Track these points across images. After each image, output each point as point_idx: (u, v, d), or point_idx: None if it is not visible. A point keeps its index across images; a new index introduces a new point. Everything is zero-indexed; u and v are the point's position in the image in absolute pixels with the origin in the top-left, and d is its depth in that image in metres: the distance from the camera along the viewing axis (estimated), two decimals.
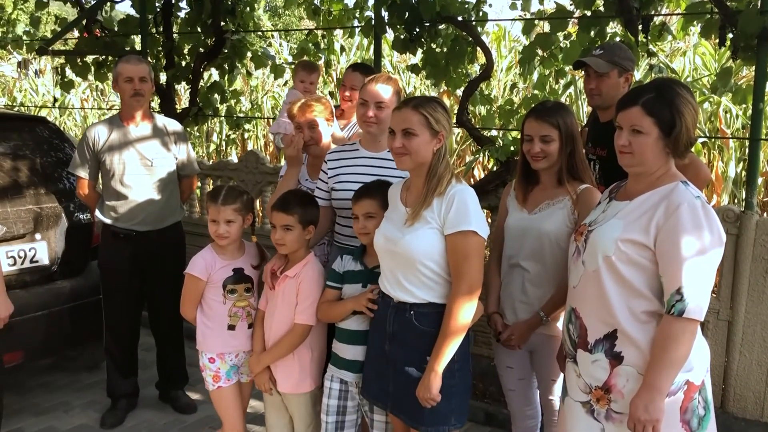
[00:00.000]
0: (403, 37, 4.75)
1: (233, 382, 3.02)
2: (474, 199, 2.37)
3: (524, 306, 2.71)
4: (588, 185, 2.66)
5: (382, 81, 2.87)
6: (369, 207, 2.64)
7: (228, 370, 3.00)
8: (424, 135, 2.36)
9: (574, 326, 2.28)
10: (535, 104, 2.80)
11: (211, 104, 6.10)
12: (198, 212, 5.99)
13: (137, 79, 3.66)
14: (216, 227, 2.91)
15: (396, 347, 2.45)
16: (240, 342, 2.98)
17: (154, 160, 3.76)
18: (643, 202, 2.13)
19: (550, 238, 2.63)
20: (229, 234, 2.91)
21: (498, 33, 8.21)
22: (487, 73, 4.65)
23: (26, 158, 3.97)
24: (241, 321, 2.97)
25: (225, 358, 2.99)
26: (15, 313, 3.22)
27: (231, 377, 3.01)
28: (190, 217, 5.83)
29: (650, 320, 2.11)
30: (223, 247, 2.97)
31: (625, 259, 2.10)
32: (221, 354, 2.99)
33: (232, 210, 2.90)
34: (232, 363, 3.01)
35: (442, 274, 2.37)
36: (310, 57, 5.81)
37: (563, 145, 2.64)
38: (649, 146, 2.10)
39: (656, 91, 2.11)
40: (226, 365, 3.00)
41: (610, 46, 3.19)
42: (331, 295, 2.76)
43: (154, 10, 6.15)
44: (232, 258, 2.99)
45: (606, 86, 3.10)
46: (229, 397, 3.03)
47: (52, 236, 3.90)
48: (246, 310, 2.98)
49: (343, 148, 3.06)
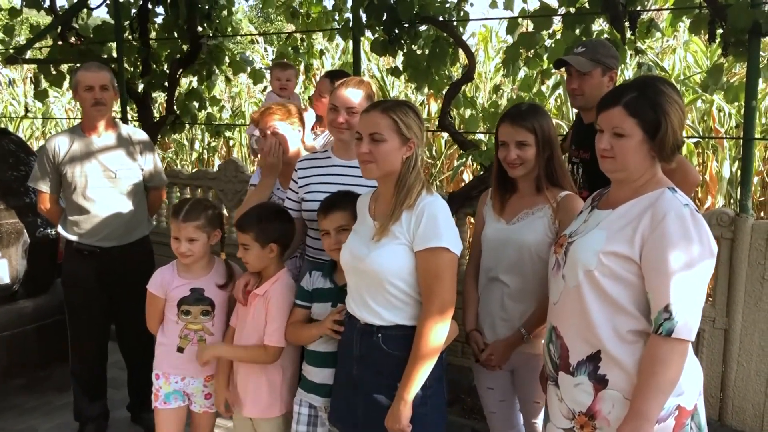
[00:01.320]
0: (382, 39, 4.58)
1: (172, 407, 2.86)
2: (445, 212, 2.19)
3: (504, 323, 2.53)
4: (569, 192, 2.48)
5: (353, 85, 2.70)
6: (340, 219, 2.46)
7: (168, 393, 2.84)
8: (393, 141, 2.18)
9: (554, 346, 2.10)
10: (509, 107, 2.63)
11: (189, 112, 5.92)
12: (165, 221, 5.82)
13: (98, 87, 3.47)
14: (177, 245, 2.74)
15: (364, 372, 2.27)
16: (187, 367, 2.82)
17: (118, 171, 3.57)
18: (627, 210, 1.95)
19: (530, 250, 2.45)
20: (192, 252, 2.74)
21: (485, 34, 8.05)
22: (469, 74, 4.49)
23: None
24: (191, 345, 2.80)
25: (170, 378, 2.84)
26: None
27: (170, 401, 2.85)
28: (159, 226, 5.69)
29: (637, 340, 1.93)
30: (187, 265, 2.79)
31: (608, 273, 1.92)
32: (166, 373, 2.84)
33: (195, 227, 2.72)
34: (176, 387, 2.85)
35: (411, 293, 2.18)
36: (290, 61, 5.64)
37: (540, 150, 2.47)
38: (632, 150, 1.92)
39: (639, 89, 1.93)
40: (168, 386, 2.84)
41: (593, 44, 3.02)
42: (299, 314, 2.58)
43: (130, 16, 5.99)
44: (194, 276, 2.81)
45: (589, 86, 2.93)
46: (165, 422, 2.87)
47: (13, 253, 3.72)
48: (198, 334, 2.80)
49: (315, 156, 2.89)
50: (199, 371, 2.81)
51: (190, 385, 2.85)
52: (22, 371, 3.88)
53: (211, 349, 2.72)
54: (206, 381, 2.86)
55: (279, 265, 2.69)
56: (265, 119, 2.99)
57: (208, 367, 2.80)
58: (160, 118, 5.95)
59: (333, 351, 2.46)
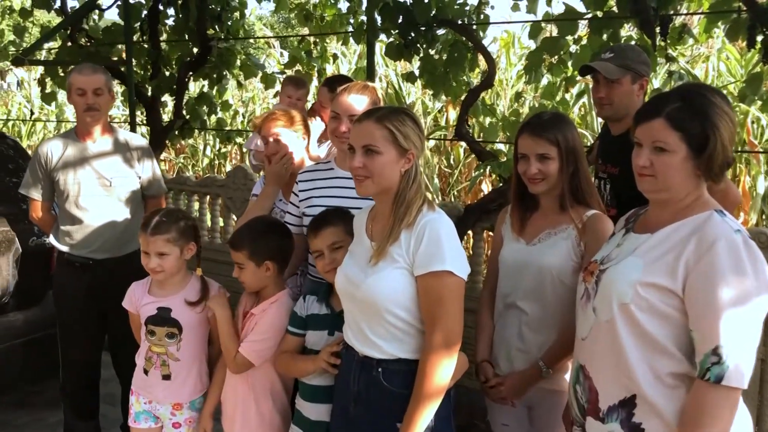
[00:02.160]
0: (397, 43, 4.35)
1: (142, 427, 2.70)
2: (449, 231, 1.94)
3: (521, 354, 2.27)
4: (596, 211, 2.23)
5: (356, 90, 2.47)
6: (332, 236, 2.23)
7: (138, 412, 2.69)
8: (390, 153, 1.94)
9: (582, 388, 1.84)
10: (529, 117, 2.38)
11: (198, 116, 5.73)
12: None
13: (90, 91, 3.26)
14: (147, 260, 2.54)
15: (362, 410, 2.02)
16: (151, 390, 2.64)
17: (113, 179, 3.37)
18: (669, 235, 1.70)
19: (551, 274, 2.20)
20: (162, 268, 2.53)
21: (507, 39, 7.79)
22: (489, 81, 4.24)
23: None
24: (154, 368, 2.60)
25: (139, 398, 2.69)
26: None
27: (140, 420, 2.69)
28: None
29: (678, 384, 1.67)
30: (160, 281, 2.60)
31: (646, 307, 1.67)
32: (137, 392, 2.70)
33: (164, 240, 2.52)
34: (145, 408, 2.68)
35: (414, 323, 1.94)
36: (303, 66, 5.44)
37: (564, 164, 2.22)
38: (676, 168, 1.67)
39: (683, 99, 1.69)
40: (139, 405, 2.69)
41: (622, 48, 2.76)
42: (291, 343, 2.34)
43: (141, 18, 5.82)
44: (166, 294, 2.61)
45: (617, 94, 2.67)
46: None
47: (3, 264, 3.52)
48: (161, 358, 2.59)
49: (317, 167, 2.67)
50: (164, 398, 2.63)
51: (158, 409, 2.67)
52: (11, 387, 3.68)
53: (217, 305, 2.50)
54: (174, 409, 2.65)
55: (279, 285, 2.47)
56: (267, 125, 2.78)
57: (173, 396, 2.61)
58: (168, 123, 5.77)
59: (329, 385, 2.22)
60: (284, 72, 5.75)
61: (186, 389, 2.63)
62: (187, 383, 2.62)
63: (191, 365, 2.61)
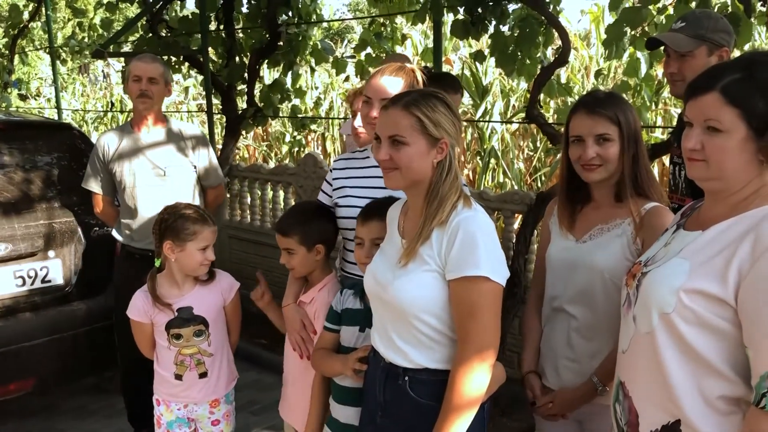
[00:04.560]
0: (464, 20, 4.09)
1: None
2: (486, 231, 1.73)
3: (570, 364, 2.04)
4: (657, 203, 1.95)
5: (390, 72, 2.27)
6: (380, 231, 2.06)
7: (171, 421, 2.60)
8: (419, 144, 1.75)
9: (622, 407, 1.60)
10: (583, 95, 2.11)
11: (272, 104, 5.70)
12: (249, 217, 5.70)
13: (145, 79, 3.27)
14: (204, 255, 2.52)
15: (389, 422, 1.86)
16: (188, 393, 2.56)
17: (167, 168, 3.35)
18: (721, 234, 1.43)
19: (603, 276, 1.94)
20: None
21: (597, 14, 7.28)
22: (563, 57, 3.91)
23: (41, 169, 3.68)
24: (189, 371, 2.53)
25: (170, 406, 2.60)
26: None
27: (173, 429, 2.60)
28: (232, 220, 5.63)
29: (732, 410, 1.41)
30: (163, 284, 2.55)
31: (692, 318, 1.40)
32: (166, 401, 2.59)
33: None
34: (179, 414, 2.60)
35: (445, 331, 1.76)
36: (374, 48, 5.27)
37: (625, 147, 1.95)
38: (732, 151, 1.39)
39: (744, 69, 1.40)
40: (170, 414, 2.60)
41: (696, 16, 2.40)
42: (327, 339, 2.21)
43: (216, 7, 5.83)
44: (179, 294, 2.54)
45: (691, 69, 2.32)
46: None
47: (66, 254, 3.59)
48: (195, 358, 2.51)
49: (352, 156, 2.51)
50: (202, 397, 2.56)
51: (194, 411, 2.61)
52: (79, 374, 3.76)
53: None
54: (212, 407, 2.60)
55: (326, 269, 2.39)
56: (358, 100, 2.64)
57: (211, 392, 2.56)
58: (242, 111, 5.76)
59: (359, 387, 2.07)
60: (355, 56, 5.60)
61: (221, 383, 2.61)
62: (221, 376, 2.61)
63: (222, 356, 2.60)
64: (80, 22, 8.00)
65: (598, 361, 1.99)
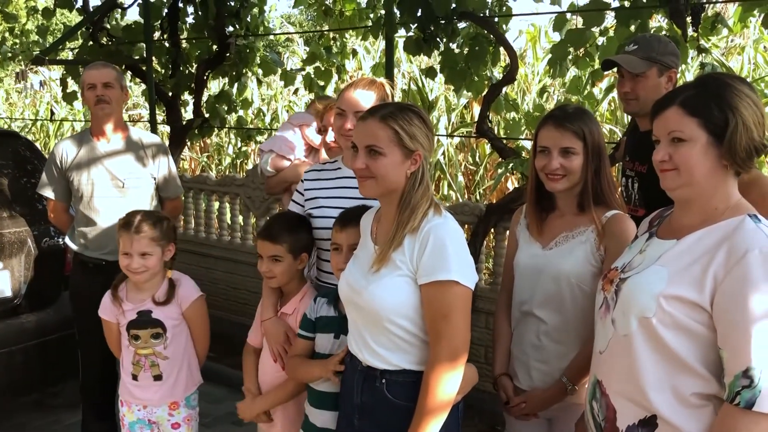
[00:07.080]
0: (416, 37, 4.22)
1: None
2: (456, 237, 1.83)
3: (541, 366, 2.15)
4: (617, 211, 2.09)
5: (363, 86, 2.35)
6: (357, 237, 2.12)
7: (133, 422, 2.64)
8: (394, 155, 1.84)
9: (599, 404, 1.71)
10: (552, 109, 2.24)
11: (218, 115, 5.68)
12: (193, 228, 5.63)
13: (100, 84, 3.22)
14: (128, 261, 2.54)
15: (366, 423, 1.93)
16: (144, 395, 2.61)
17: (126, 180, 3.31)
18: (696, 243, 1.56)
19: (569, 281, 2.07)
20: (146, 268, 2.54)
21: (533, 33, 7.59)
22: (511, 75, 4.09)
23: None
24: (143, 371, 2.58)
25: (131, 407, 2.64)
26: None
27: (134, 430, 2.64)
28: (186, 234, 5.53)
29: (704, 404, 1.54)
30: (135, 284, 2.61)
31: (670, 322, 1.53)
32: (128, 401, 2.65)
33: (149, 240, 2.54)
34: (139, 415, 2.64)
35: (418, 334, 1.84)
36: (322, 62, 5.34)
37: (588, 160, 2.08)
38: (698, 157, 1.53)
39: (698, 86, 1.57)
40: (132, 415, 2.65)
41: (647, 40, 2.59)
42: (301, 346, 2.26)
43: (161, 16, 5.78)
44: (144, 297, 2.61)
45: (643, 89, 2.51)
46: None
47: (15, 264, 3.49)
48: (150, 359, 2.57)
49: (323, 167, 2.56)
50: (159, 399, 2.60)
51: (154, 413, 2.64)
52: (27, 388, 3.65)
53: (251, 409, 2.42)
54: (171, 409, 2.63)
55: (302, 279, 2.44)
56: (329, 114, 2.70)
57: (168, 395, 2.61)
58: (188, 122, 5.72)
59: (336, 392, 2.12)
60: (304, 69, 5.66)
61: (179, 387, 2.64)
62: (179, 381, 2.64)
63: (181, 362, 2.63)
64: (12, 27, 7.74)
65: (566, 362, 2.11)
